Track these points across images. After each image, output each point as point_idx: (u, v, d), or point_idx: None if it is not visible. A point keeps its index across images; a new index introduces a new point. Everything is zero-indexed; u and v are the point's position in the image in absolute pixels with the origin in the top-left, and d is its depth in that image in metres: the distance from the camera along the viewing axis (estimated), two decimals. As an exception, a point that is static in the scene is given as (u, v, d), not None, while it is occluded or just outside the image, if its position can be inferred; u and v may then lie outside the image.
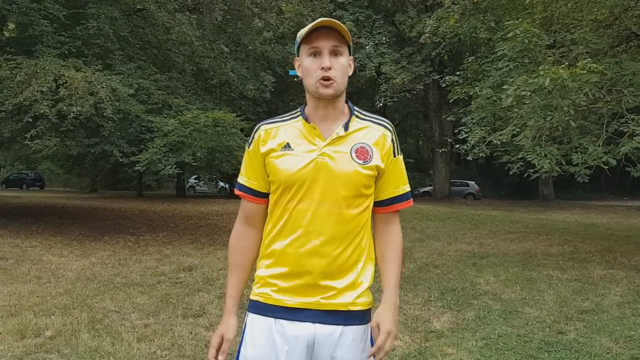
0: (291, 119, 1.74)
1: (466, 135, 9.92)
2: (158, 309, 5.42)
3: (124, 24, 12.46)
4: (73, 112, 9.66)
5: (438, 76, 19.37)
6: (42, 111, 9.65)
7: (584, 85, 7.37)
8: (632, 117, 7.75)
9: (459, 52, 21.75)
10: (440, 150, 23.41)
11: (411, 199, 1.81)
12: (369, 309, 1.73)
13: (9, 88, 9.95)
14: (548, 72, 7.30)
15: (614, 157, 7.65)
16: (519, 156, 8.61)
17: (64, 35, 11.27)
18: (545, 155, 7.92)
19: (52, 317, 5.03)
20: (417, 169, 38.87)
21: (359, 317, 1.69)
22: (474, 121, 9.80)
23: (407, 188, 1.80)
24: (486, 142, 9.26)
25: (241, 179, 1.78)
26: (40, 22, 10.65)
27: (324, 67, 1.61)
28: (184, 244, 10.33)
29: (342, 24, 1.63)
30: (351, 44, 1.69)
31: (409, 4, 26.95)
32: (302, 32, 1.66)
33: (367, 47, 25.83)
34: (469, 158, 10.45)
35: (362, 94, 35.17)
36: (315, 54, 1.63)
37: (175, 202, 23.81)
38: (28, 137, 10.73)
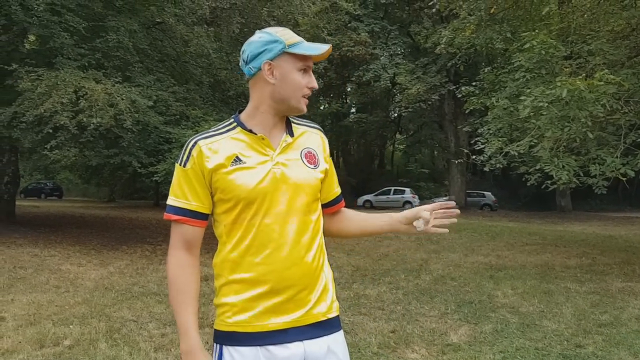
0: (228, 130, 1.63)
1: (483, 146, 9.88)
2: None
3: (143, 36, 12.63)
4: (93, 123, 9.80)
5: (454, 87, 19.33)
6: (62, 122, 9.79)
7: (602, 97, 7.33)
8: (650, 129, 7.69)
9: (475, 62, 21.73)
10: (456, 161, 23.30)
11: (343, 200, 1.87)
12: (339, 315, 1.72)
13: (30, 99, 10.12)
14: (565, 83, 7.28)
15: (632, 168, 7.59)
16: (537, 167, 8.56)
17: (84, 47, 11.44)
18: (563, 166, 7.88)
19: (71, 326, 5.09)
20: (432, 179, 38.74)
21: (336, 323, 1.69)
22: (491, 132, 9.76)
23: (339, 189, 1.85)
24: (503, 153, 9.22)
25: (177, 202, 1.60)
26: (61, 35, 10.82)
27: (314, 87, 1.64)
28: (200, 254, 10.37)
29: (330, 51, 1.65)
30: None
31: (424, 15, 27.01)
32: (293, 42, 1.60)
33: (382, 58, 25.90)
34: (486, 169, 10.40)
35: (376, 105, 35.26)
36: (306, 70, 1.61)
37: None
38: (48, 147, 10.89)
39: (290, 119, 1.70)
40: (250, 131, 1.61)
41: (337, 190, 1.80)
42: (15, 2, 10.39)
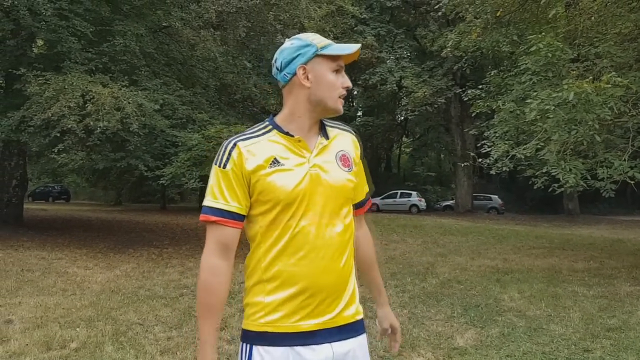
0: (264, 133, 1.64)
1: (489, 149, 9.85)
2: (181, 321, 5.46)
3: (149, 40, 12.70)
4: (100, 127, 9.85)
5: (460, 90, 19.30)
6: (69, 126, 9.85)
7: (609, 99, 7.29)
8: (658, 132, 7.64)
9: (481, 65, 21.71)
10: (462, 164, 23.25)
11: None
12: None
13: (38, 103, 10.19)
14: (572, 86, 7.25)
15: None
16: (544, 170, 8.52)
17: (91, 52, 11.52)
18: (570, 169, 7.83)
19: (77, 329, 5.10)
20: (438, 182, 38.68)
21: (362, 325, 1.71)
22: (497, 135, 9.73)
23: (368, 188, 1.85)
24: (510, 156, 9.19)
25: (216, 203, 1.60)
26: (68, 39, 10.90)
27: (349, 87, 1.64)
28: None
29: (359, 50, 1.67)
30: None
31: (430, 19, 27.01)
32: (325, 44, 1.63)
33: (388, 62, 25.90)
34: (492, 172, 10.36)
35: (383, 108, 35.24)
36: (339, 70, 1.63)
37: (197, 214, 23.50)
38: (55, 151, 10.95)
39: (324, 121, 1.71)
40: (287, 133, 1.62)
41: (364, 194, 1.81)
42: (24, 7, 10.48)
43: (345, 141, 1.72)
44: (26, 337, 4.79)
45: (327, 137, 1.67)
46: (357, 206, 1.79)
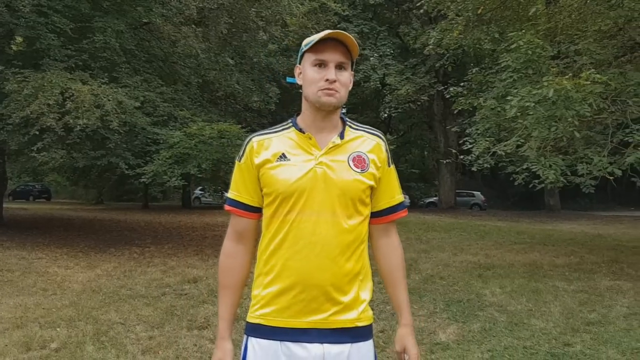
0: (283, 130, 1.71)
1: (471, 146, 9.92)
2: (163, 321, 5.42)
3: (130, 37, 12.57)
4: (79, 124, 9.74)
5: (442, 87, 19.40)
6: (48, 124, 9.72)
7: (588, 96, 7.37)
8: (637, 128, 7.74)
9: (463, 63, 21.83)
10: (445, 161, 23.36)
11: (406, 209, 1.83)
12: (372, 324, 1.71)
13: (16, 101, 10.04)
14: (552, 83, 7.32)
15: (619, 167, 7.63)
16: (524, 167, 8.60)
17: (71, 48, 11.37)
18: (550, 165, 7.91)
19: (58, 329, 5.05)
20: (422, 179, 38.79)
21: (365, 333, 1.67)
22: (479, 132, 9.80)
23: (402, 197, 1.81)
24: (491, 153, 9.26)
25: (231, 194, 1.71)
26: (47, 36, 10.75)
27: (330, 79, 1.60)
28: (189, 256, 10.34)
29: (351, 37, 1.61)
30: (355, 58, 1.68)
31: (413, 16, 27.08)
32: (308, 41, 1.63)
33: (371, 59, 25.91)
34: (474, 169, 10.44)
35: (366, 105, 35.24)
36: (321, 65, 1.61)
37: (180, 213, 23.84)
38: (35, 149, 10.81)
39: (349, 123, 1.72)
40: (301, 130, 1.67)
41: (389, 202, 1.76)
42: (2, 3, 10.31)
43: (367, 144, 1.71)
44: (5, 337, 4.73)
45: (342, 138, 1.67)
46: (382, 214, 1.75)
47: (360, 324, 1.65)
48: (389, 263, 1.79)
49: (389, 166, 1.75)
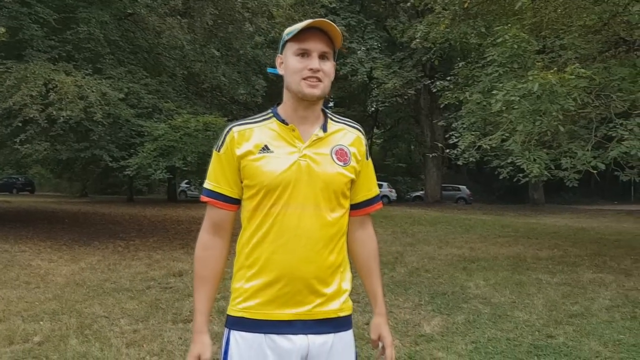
0: (264, 120, 1.67)
1: (456, 140, 9.96)
2: (147, 314, 5.39)
3: (114, 28, 12.42)
4: (63, 116, 9.63)
5: (429, 81, 19.45)
6: (31, 115, 9.60)
7: (573, 91, 7.42)
8: (620, 122, 7.80)
9: (450, 57, 21.88)
10: (431, 155, 23.49)
11: (381, 202, 1.83)
12: (352, 314, 1.73)
13: (-1, 92, 9.90)
14: (537, 78, 7.35)
15: (602, 161, 7.70)
16: (509, 161, 8.66)
17: (54, 39, 11.22)
18: (535, 159, 7.97)
19: (41, 322, 5.00)
20: (408, 173, 38.99)
21: (347, 322, 1.69)
22: (464, 126, 9.84)
23: (378, 190, 1.82)
24: (476, 147, 9.30)
25: (210, 185, 1.67)
26: (31, 27, 10.60)
27: (313, 68, 1.57)
28: (174, 249, 10.29)
29: (335, 26, 1.57)
30: (338, 49, 1.64)
31: (400, 10, 27.07)
32: (291, 29, 1.59)
33: (358, 52, 25.89)
34: (460, 163, 10.49)
35: (354, 99, 35.28)
36: (304, 54, 1.58)
37: (166, 206, 23.72)
38: (18, 141, 10.67)
39: (329, 115, 1.70)
40: (283, 122, 1.63)
41: (366, 195, 1.76)
42: (-17, -8, 10.15)
43: (348, 137, 1.70)
44: (-14, 331, 4.67)
45: (325, 130, 1.65)
46: (359, 206, 1.76)
47: (342, 314, 1.66)
48: (365, 254, 1.80)
49: (367, 159, 1.75)
